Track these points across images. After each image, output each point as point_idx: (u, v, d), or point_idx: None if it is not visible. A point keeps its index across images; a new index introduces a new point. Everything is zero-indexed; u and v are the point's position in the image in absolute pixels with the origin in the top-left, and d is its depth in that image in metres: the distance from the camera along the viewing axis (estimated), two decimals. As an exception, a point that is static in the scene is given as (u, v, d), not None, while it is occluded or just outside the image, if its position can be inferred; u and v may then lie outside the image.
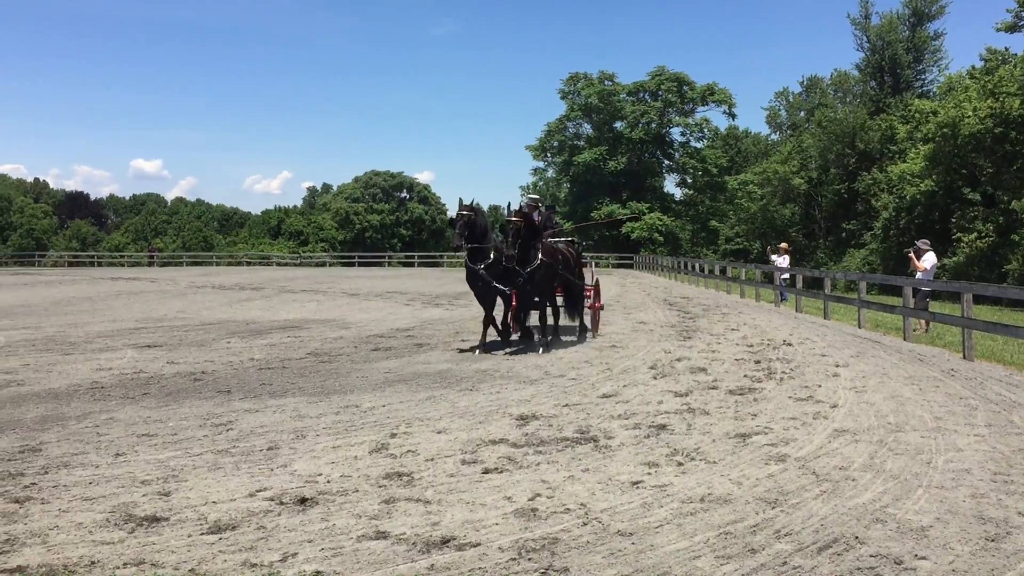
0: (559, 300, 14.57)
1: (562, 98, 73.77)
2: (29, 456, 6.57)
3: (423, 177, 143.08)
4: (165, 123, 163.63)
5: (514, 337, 14.19)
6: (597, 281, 16.56)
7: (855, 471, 6.16)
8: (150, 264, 66.61)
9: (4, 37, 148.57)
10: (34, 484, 5.79)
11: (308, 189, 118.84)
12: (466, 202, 12.98)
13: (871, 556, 4.49)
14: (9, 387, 9.76)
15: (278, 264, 67.45)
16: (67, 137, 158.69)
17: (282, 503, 5.35)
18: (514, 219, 12.75)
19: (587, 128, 74.05)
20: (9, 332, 15.75)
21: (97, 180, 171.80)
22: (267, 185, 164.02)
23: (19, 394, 9.31)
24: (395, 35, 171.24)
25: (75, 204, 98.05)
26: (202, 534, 4.79)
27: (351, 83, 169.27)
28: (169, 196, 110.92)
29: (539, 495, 5.55)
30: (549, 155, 75.98)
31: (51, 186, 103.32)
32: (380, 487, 5.75)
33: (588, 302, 15.44)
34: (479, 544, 4.64)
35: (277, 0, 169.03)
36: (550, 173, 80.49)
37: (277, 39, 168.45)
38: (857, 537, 4.76)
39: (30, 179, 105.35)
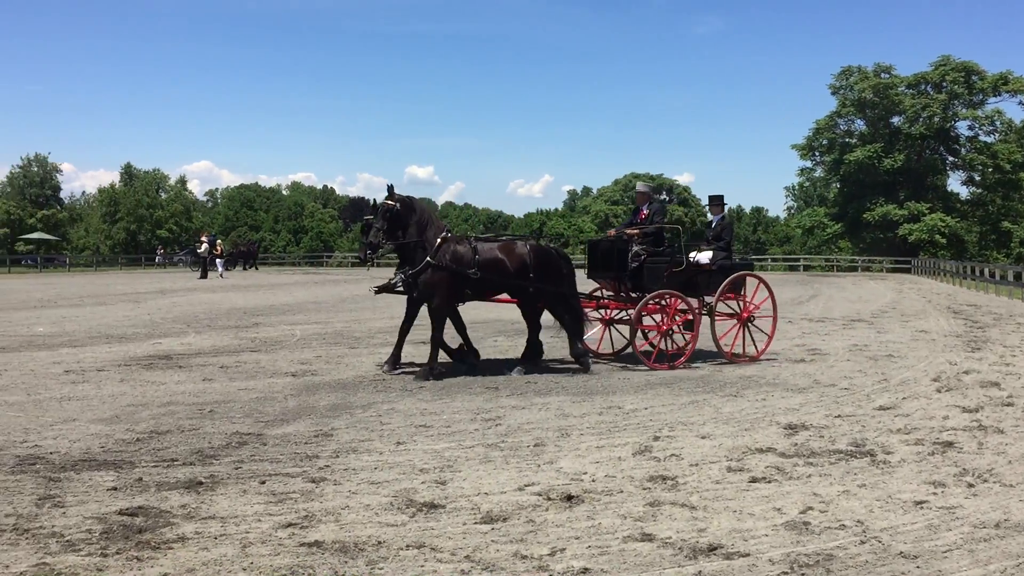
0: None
1: (832, 93, 69.78)
2: (323, 440, 7.19)
3: (683, 179, 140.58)
4: (436, 131, 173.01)
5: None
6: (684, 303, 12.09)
7: None
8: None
9: (304, 60, 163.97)
10: (327, 467, 6.32)
11: (568, 192, 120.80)
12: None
13: None
14: (305, 376, 10.74)
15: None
16: (351, 146, 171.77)
17: (549, 499, 5.49)
18: (388, 202, 10.70)
19: (860, 124, 69.64)
20: (304, 327, 17.35)
21: (377, 186, 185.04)
22: (529, 189, 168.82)
23: (314, 383, 10.21)
24: (657, 35, 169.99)
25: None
26: (476, 523, 5.02)
27: (612, 85, 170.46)
28: (440, 200, 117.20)
29: (811, 508, 5.32)
30: (817, 154, 72.14)
31: (337, 192, 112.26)
32: (644, 489, 5.75)
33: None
34: (748, 554, 4.52)
35: (540, 8, 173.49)
36: (818, 173, 76.55)
37: (540, 46, 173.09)
38: None
39: (319, 186, 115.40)
